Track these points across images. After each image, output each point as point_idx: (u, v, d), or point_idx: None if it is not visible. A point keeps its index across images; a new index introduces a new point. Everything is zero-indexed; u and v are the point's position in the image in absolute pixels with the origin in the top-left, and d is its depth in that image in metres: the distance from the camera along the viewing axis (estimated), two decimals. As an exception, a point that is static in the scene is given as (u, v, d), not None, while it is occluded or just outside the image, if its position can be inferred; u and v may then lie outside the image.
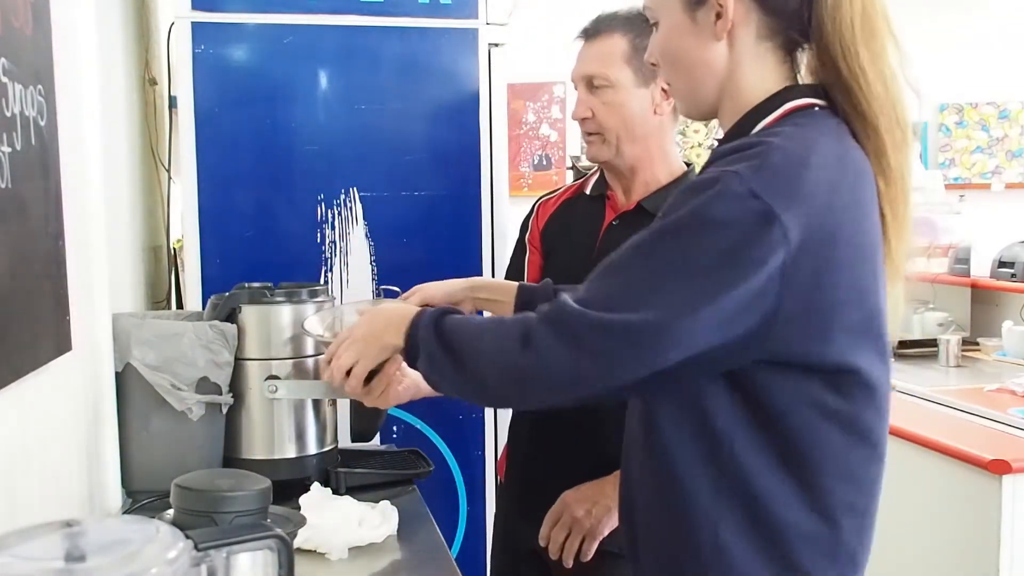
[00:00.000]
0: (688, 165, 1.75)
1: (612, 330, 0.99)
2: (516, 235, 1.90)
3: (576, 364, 1.02)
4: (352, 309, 1.61)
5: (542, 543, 1.65)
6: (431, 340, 1.16)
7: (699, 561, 1.08)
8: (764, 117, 1.09)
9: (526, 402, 1.24)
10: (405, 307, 1.29)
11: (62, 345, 1.26)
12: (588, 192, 1.79)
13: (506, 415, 1.98)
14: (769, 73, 1.11)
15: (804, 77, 1.13)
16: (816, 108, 1.09)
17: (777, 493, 1.04)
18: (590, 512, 1.60)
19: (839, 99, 1.08)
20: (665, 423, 1.09)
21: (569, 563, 1.60)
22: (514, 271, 1.87)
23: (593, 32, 1.67)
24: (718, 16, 1.09)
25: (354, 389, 1.36)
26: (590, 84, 1.66)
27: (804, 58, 1.12)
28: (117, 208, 1.86)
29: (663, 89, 1.63)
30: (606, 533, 1.58)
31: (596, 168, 1.81)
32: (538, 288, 1.58)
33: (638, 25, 1.58)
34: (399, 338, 1.22)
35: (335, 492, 1.54)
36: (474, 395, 1.21)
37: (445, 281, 1.61)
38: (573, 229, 1.79)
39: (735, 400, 1.04)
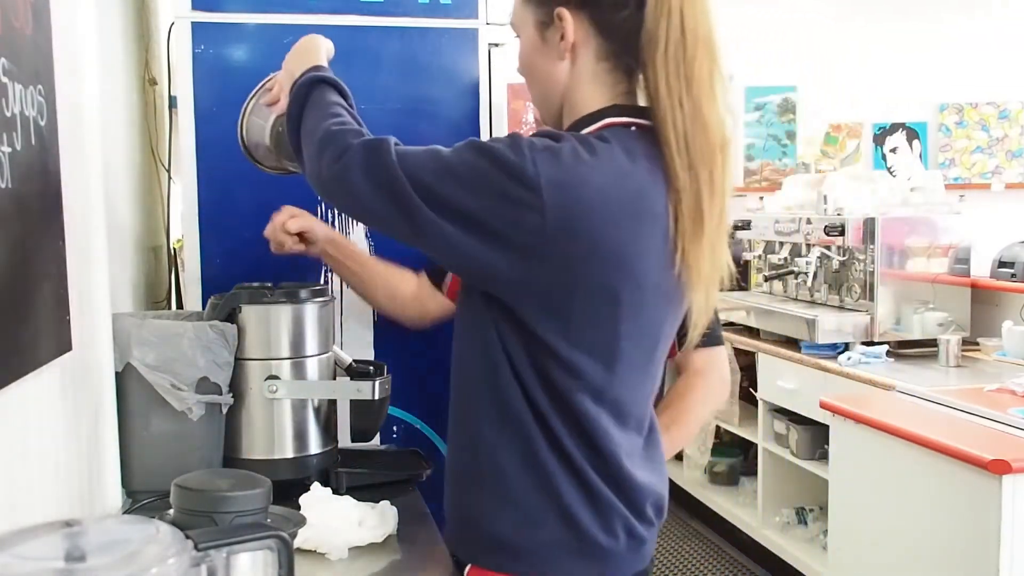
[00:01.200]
0: None
1: (402, 193, 1.17)
2: None
3: (365, 200, 1.20)
4: None
5: None
6: (295, 100, 1.37)
7: (482, 484, 1.27)
8: (583, 128, 1.24)
9: (328, 197, 1.35)
10: (312, 54, 1.49)
11: (62, 345, 1.26)
12: None
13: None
14: (604, 91, 1.25)
15: (643, 99, 1.25)
16: (632, 127, 1.23)
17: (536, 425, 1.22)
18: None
19: (655, 120, 1.20)
20: (465, 349, 1.30)
21: None
22: None
23: None
24: (562, 37, 1.23)
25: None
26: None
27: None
28: (117, 208, 1.86)
29: None
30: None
31: None
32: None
33: None
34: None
35: (335, 492, 1.54)
36: (299, 163, 1.37)
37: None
38: None
39: (499, 339, 1.22)
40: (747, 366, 4.04)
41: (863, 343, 3.48)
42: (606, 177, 1.16)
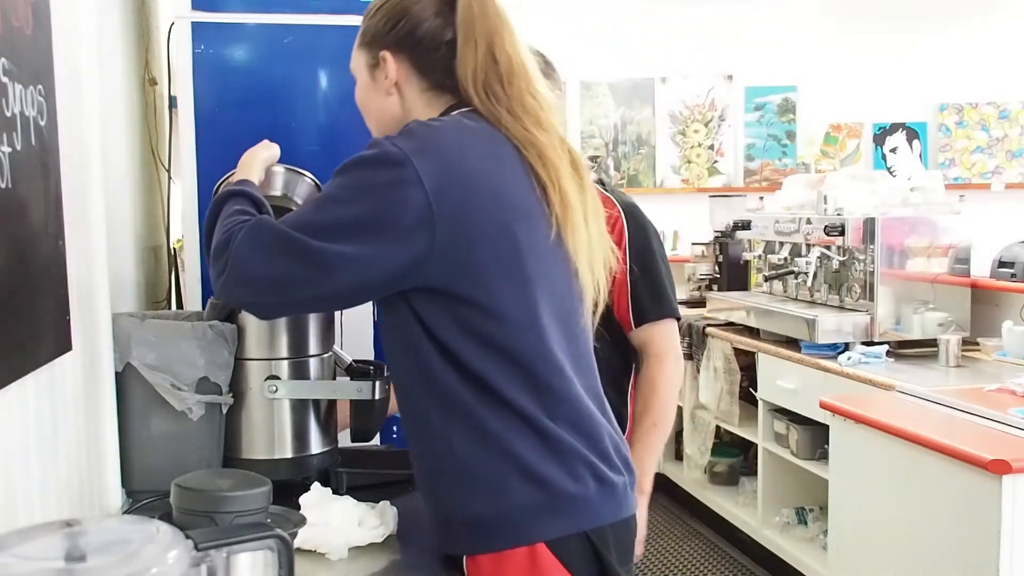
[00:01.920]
0: None
1: (300, 250, 1.25)
2: None
3: (262, 272, 1.27)
4: None
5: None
6: (208, 219, 1.40)
7: (446, 475, 1.32)
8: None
9: (235, 298, 1.39)
10: (244, 168, 1.54)
11: (62, 345, 1.26)
12: None
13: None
14: (440, 109, 1.40)
15: None
16: (467, 112, 1.37)
17: (474, 402, 1.28)
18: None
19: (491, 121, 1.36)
20: (395, 356, 1.37)
21: None
22: None
23: None
24: (386, 76, 1.40)
25: None
26: None
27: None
28: (117, 208, 1.86)
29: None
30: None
31: None
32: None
33: None
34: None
35: (335, 492, 1.54)
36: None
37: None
38: None
39: (420, 325, 1.29)
40: (747, 366, 4.04)
41: (863, 343, 3.48)
42: (456, 131, 1.32)
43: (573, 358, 1.37)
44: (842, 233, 3.56)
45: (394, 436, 2.09)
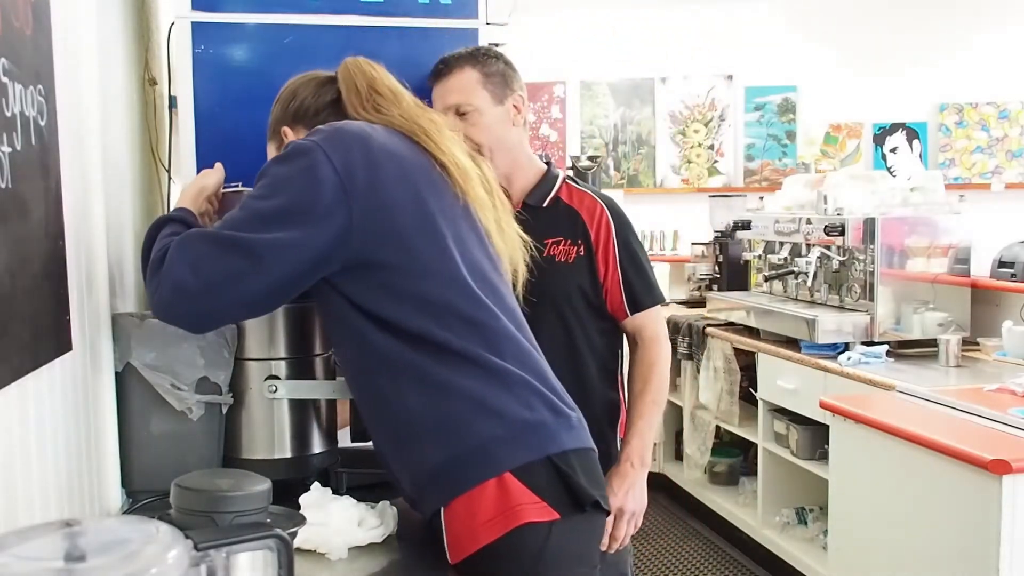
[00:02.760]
0: (548, 164, 2.05)
1: (230, 244, 1.32)
2: None
3: (196, 277, 1.31)
4: None
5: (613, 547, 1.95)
6: (144, 247, 1.45)
7: (404, 432, 1.38)
8: None
9: (184, 319, 1.42)
10: (183, 197, 1.62)
11: (62, 345, 1.26)
12: None
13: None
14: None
15: None
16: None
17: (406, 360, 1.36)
18: (635, 497, 1.95)
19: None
20: (336, 337, 1.46)
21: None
22: None
23: (447, 71, 1.94)
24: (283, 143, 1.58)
25: None
26: (456, 112, 1.91)
27: None
28: (117, 208, 1.86)
29: (515, 105, 1.96)
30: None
31: None
32: None
33: (481, 58, 1.94)
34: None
35: (335, 492, 1.54)
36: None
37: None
38: None
39: (353, 306, 1.37)
40: (747, 366, 4.04)
41: (863, 343, 3.48)
42: (359, 125, 1.45)
43: (504, 312, 1.44)
44: (842, 233, 3.56)
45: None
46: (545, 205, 1.97)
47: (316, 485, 1.52)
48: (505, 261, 1.53)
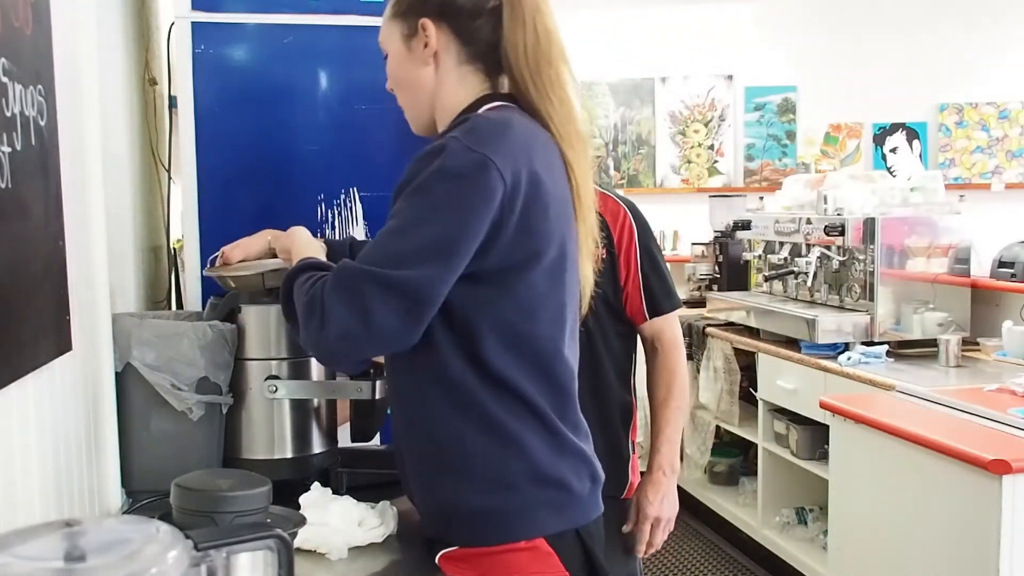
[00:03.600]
0: None
1: (395, 285, 1.21)
2: None
3: (359, 318, 1.22)
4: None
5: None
6: (284, 295, 1.35)
7: (450, 466, 1.32)
8: (470, 114, 1.34)
9: (349, 364, 1.41)
10: (303, 247, 1.47)
11: (62, 345, 1.26)
12: None
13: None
14: (471, 89, 1.38)
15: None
16: (505, 105, 1.36)
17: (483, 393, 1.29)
18: (669, 504, 1.99)
19: (525, 107, 1.35)
20: (400, 362, 1.34)
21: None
22: None
23: None
24: (425, 44, 1.36)
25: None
26: None
27: (502, 80, 1.39)
28: (117, 208, 1.86)
29: None
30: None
31: None
32: (339, 244, 1.75)
33: None
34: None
35: (335, 492, 1.54)
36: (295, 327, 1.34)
37: (251, 240, 1.73)
38: None
39: (448, 319, 1.27)
40: (747, 366, 4.04)
41: (863, 343, 3.48)
42: (522, 132, 1.30)
43: (575, 358, 1.41)
44: (842, 233, 3.56)
45: (394, 436, 2.09)
46: None
47: (316, 485, 1.52)
48: (586, 294, 1.45)
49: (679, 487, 4.88)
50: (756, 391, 3.89)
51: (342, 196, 2.08)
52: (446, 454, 1.33)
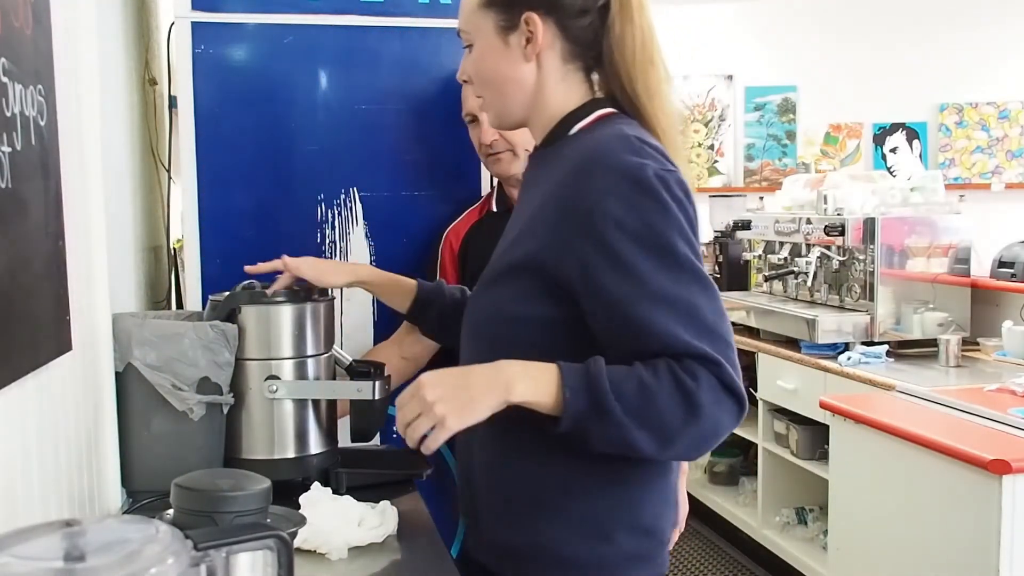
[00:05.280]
0: None
1: (735, 356, 1.17)
2: None
3: (739, 411, 1.16)
4: None
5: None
6: (605, 401, 1.13)
7: (550, 508, 1.25)
8: (579, 121, 1.30)
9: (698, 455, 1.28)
10: (503, 366, 1.20)
11: (62, 345, 1.26)
12: (494, 209, 2.00)
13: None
14: (575, 90, 1.31)
15: (597, 93, 1.33)
16: (615, 114, 1.31)
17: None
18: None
19: (628, 109, 1.30)
20: None
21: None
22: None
23: None
24: (527, 40, 1.28)
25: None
26: None
27: (596, 78, 1.33)
28: (117, 208, 1.86)
29: None
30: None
31: (492, 188, 2.06)
32: (438, 288, 1.67)
33: None
34: (501, 398, 1.17)
35: (335, 492, 1.54)
36: (639, 453, 1.17)
37: (321, 263, 1.68)
38: (494, 240, 1.86)
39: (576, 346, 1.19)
40: (747, 366, 4.04)
41: (863, 343, 3.48)
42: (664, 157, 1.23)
43: None
44: (842, 233, 3.56)
45: (394, 436, 2.09)
46: None
47: (316, 485, 1.52)
48: None
49: (679, 487, 4.82)
50: (756, 391, 3.89)
51: (342, 196, 2.08)
52: (544, 494, 1.26)
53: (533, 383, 1.16)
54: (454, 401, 1.17)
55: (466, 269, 1.98)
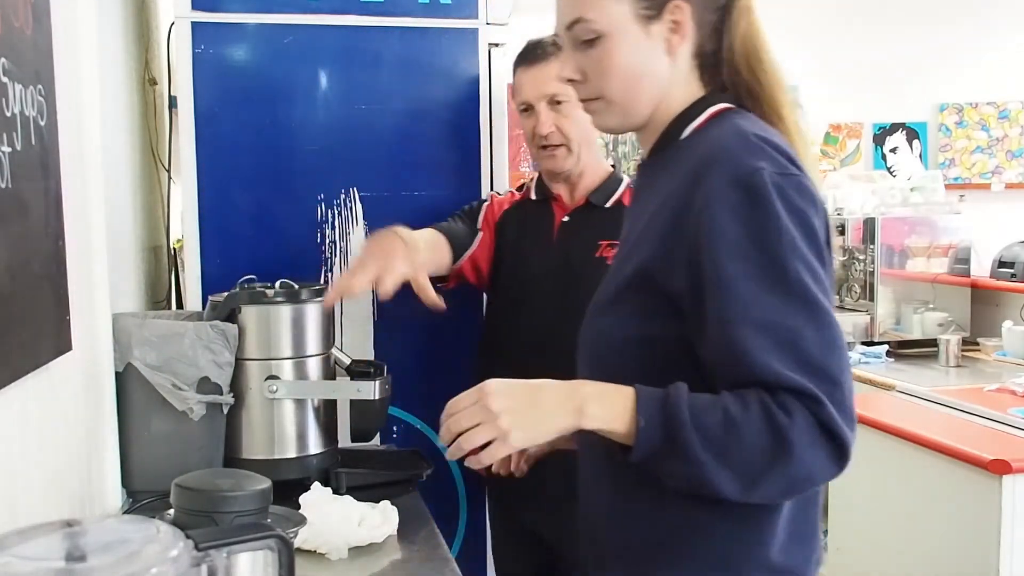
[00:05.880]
0: (613, 166, 1.99)
1: (845, 397, 1.12)
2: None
3: (839, 458, 1.13)
4: None
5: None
6: (683, 432, 1.03)
7: (671, 550, 1.13)
8: (691, 121, 1.19)
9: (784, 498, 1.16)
10: (578, 385, 1.11)
11: (62, 345, 1.26)
12: (533, 197, 2.00)
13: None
14: (694, 86, 1.21)
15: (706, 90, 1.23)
16: (729, 109, 1.20)
17: None
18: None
19: (746, 97, 1.21)
20: None
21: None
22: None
23: (540, 56, 1.87)
24: (673, 30, 1.16)
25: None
26: (551, 101, 1.85)
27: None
28: (117, 208, 1.86)
29: None
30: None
31: (532, 176, 2.04)
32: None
33: None
34: (572, 420, 1.07)
35: (335, 492, 1.54)
36: (718, 493, 1.06)
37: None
38: (527, 227, 1.98)
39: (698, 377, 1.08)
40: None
41: (863, 343, 3.48)
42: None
43: None
44: (842, 233, 3.56)
45: (394, 436, 2.09)
46: (608, 206, 1.90)
47: (316, 485, 1.52)
48: None
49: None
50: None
51: (342, 196, 2.08)
52: (669, 535, 1.14)
53: (608, 408, 1.06)
54: (522, 416, 1.06)
55: (498, 232, 1.99)
